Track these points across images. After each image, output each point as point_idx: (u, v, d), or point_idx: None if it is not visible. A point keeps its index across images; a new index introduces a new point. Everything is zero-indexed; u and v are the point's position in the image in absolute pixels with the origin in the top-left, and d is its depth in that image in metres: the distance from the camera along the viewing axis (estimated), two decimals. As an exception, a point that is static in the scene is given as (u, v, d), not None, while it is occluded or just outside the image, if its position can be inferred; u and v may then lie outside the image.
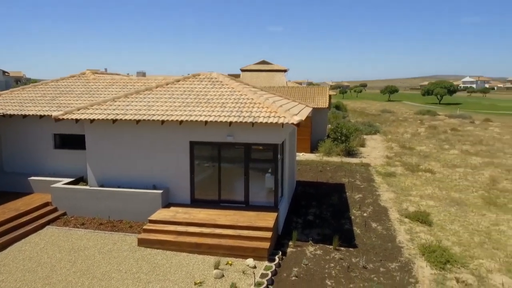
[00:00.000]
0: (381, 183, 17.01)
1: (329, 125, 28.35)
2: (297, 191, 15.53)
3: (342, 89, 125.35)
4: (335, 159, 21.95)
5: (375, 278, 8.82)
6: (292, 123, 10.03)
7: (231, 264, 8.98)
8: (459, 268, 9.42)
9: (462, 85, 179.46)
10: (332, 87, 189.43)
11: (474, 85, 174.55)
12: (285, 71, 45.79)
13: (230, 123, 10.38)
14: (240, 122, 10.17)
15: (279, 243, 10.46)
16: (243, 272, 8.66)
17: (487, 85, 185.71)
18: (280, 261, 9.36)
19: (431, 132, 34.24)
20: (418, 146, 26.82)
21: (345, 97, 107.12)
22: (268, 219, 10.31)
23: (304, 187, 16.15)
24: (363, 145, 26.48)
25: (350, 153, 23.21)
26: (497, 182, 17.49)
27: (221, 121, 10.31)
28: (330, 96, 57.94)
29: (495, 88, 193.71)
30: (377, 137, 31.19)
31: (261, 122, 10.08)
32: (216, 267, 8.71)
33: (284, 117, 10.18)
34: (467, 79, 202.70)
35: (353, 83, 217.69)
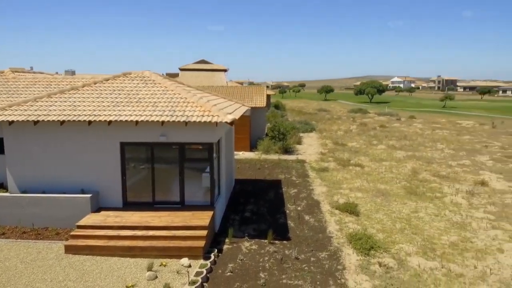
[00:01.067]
0: (315, 178, 17.82)
1: (268, 124, 28.97)
2: (236, 189, 15.73)
3: (281, 89, 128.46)
4: (273, 156, 22.53)
5: (306, 268, 9.28)
6: (226, 122, 10.17)
7: (165, 265, 8.89)
8: (382, 253, 10.23)
9: (391, 85, 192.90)
10: (273, 87, 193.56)
11: (401, 85, 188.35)
12: (225, 70, 45.90)
13: (163, 122, 10.25)
14: (173, 121, 10.08)
15: (216, 241, 10.55)
16: (177, 272, 8.63)
17: (413, 85, 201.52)
18: (216, 259, 9.45)
19: (362, 129, 36.50)
20: (350, 142, 28.43)
21: (285, 97, 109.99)
22: (204, 218, 10.34)
23: (243, 185, 16.40)
24: (299, 143, 27.45)
25: (287, 150, 23.96)
26: (417, 173, 19.15)
27: (152, 121, 10.14)
28: (269, 96, 59.14)
29: (420, 87, 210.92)
30: (313, 135, 32.52)
31: (194, 121, 10.08)
32: (149, 269, 8.56)
33: (218, 116, 10.28)
34: (396, 79, 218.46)
35: (292, 83, 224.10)
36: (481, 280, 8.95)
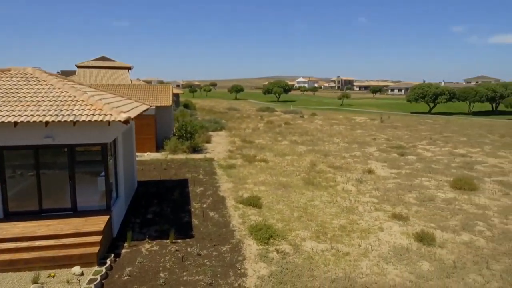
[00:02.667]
0: (222, 175, 18.10)
1: (177, 123, 28.43)
2: (138, 191, 15.18)
3: (192, 88, 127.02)
4: (181, 156, 22.25)
5: (207, 263, 9.42)
6: (119, 121, 9.76)
7: (53, 276, 8.23)
8: (280, 241, 10.86)
9: (296, 85, 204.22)
10: (183, 86, 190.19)
11: (306, 85, 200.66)
12: (129, 68, 43.71)
13: (47, 123, 9.43)
14: (59, 121, 9.34)
15: (114, 246, 10.09)
16: (68, 282, 8.06)
17: (316, 85, 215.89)
18: (112, 264, 9.05)
19: (269, 126, 38.07)
20: (257, 139, 29.44)
21: (195, 96, 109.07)
22: (98, 223, 9.80)
23: (147, 187, 15.89)
24: (208, 141, 27.55)
25: (195, 149, 23.86)
26: (315, 165, 20.68)
27: (34, 121, 9.26)
28: (178, 94, 57.96)
29: (323, 87, 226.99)
30: (222, 133, 32.89)
31: (84, 121, 9.47)
32: (35, 281, 7.85)
33: (111, 114, 9.81)
34: (301, 79, 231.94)
35: (204, 83, 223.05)
36: (364, 256, 10.09)
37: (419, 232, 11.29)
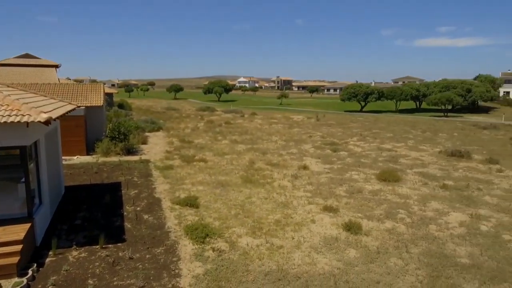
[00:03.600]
0: (158, 177, 17.67)
1: (110, 124, 27.15)
2: (66, 197, 14.29)
3: (128, 87, 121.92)
4: (114, 158, 21.31)
5: (140, 266, 9.17)
6: (40, 122, 9.12)
7: (-37, 293, 7.49)
8: (216, 239, 10.90)
9: (238, 85, 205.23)
10: (119, 86, 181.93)
11: (247, 85, 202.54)
12: (56, 66, 40.86)
13: (-47, 125, 8.52)
14: (-33, 123, 8.49)
15: (37, 255, 9.42)
16: (-19, 298, 7.39)
17: (257, 85, 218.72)
18: (34, 274, 8.44)
19: (209, 126, 37.88)
20: (196, 139, 29.15)
21: (132, 96, 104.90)
22: (18, 231, 9.09)
23: (75, 192, 15.02)
24: (145, 142, 26.70)
25: (130, 151, 22.99)
26: (254, 163, 21.01)
27: None
28: (112, 94, 55.36)
29: (263, 87, 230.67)
30: (160, 134, 32.07)
31: (-2, 122, 8.70)
32: None
33: (29, 115, 9.13)
34: (242, 79, 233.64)
35: (141, 82, 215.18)
36: (297, 248, 10.49)
37: (348, 222, 12.00)
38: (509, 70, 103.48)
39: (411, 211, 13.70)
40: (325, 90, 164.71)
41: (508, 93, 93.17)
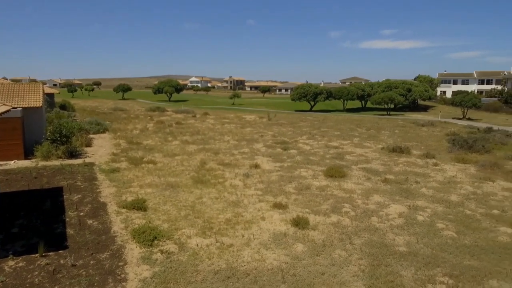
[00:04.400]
0: (104, 180, 17.00)
1: (51, 126, 25.63)
2: (1, 204, 13.31)
3: (71, 87, 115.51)
4: (55, 162, 20.16)
5: (83, 272, 8.81)
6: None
7: None
8: (165, 241, 10.73)
9: (189, 84, 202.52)
10: (61, 85, 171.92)
11: (199, 84, 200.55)
12: (-11, 65, 37.76)
13: None
14: None
15: (-34, 269, 8.70)
16: None
17: (209, 84, 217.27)
18: (-38, 289, 7.81)
19: (159, 126, 37.02)
20: (145, 140, 28.38)
21: (76, 96, 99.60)
22: None
23: (12, 199, 14.05)
24: (89, 145, 25.53)
25: (73, 154, 21.86)
26: (205, 164, 20.90)
27: None
28: (53, 94, 52.24)
29: (216, 86, 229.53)
30: (106, 135, 30.81)
31: None
32: None
33: (-46, 117, 8.42)
34: (194, 79, 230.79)
35: (86, 81, 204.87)
36: (247, 246, 10.62)
37: (296, 218, 12.36)
38: (445, 70, 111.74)
39: (355, 204, 14.40)
40: (277, 90, 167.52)
41: (444, 92, 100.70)
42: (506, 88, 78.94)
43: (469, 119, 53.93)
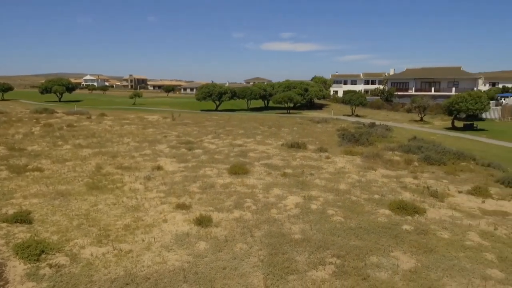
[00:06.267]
0: (-23, 193, 14.77)
1: None
2: None
3: None
4: None
5: (-51, 302, 7.58)
6: None
7: None
8: (54, 254, 9.80)
9: (84, 83, 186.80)
10: None
11: (95, 83, 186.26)
12: None
13: None
14: None
15: None
16: None
17: (107, 83, 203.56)
18: None
19: (47, 130, 33.37)
20: (30, 146, 25.37)
21: None
22: None
23: None
24: (-42, 153, 21.85)
25: None
26: (102, 168, 19.56)
27: None
28: None
29: (114, 86, 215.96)
30: (-20, 142, 26.69)
31: None
32: None
33: None
34: (88, 77, 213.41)
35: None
36: (147, 250, 10.30)
37: (199, 216, 12.39)
38: (336, 72, 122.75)
39: (257, 199, 15.01)
40: (182, 90, 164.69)
41: (337, 92, 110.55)
42: (387, 88, 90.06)
43: (357, 115, 60.23)
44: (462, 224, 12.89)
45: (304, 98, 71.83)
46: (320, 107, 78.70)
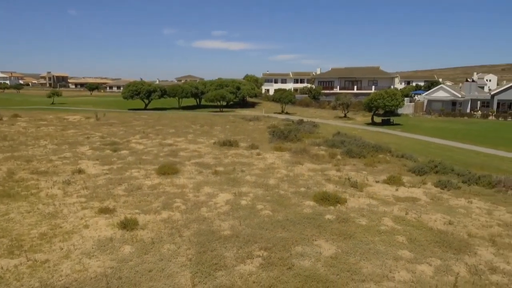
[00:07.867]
0: None
1: None
2: None
3: None
4: None
5: None
6: None
7: None
8: (-47, 272, 8.74)
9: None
10: None
11: (7, 81, 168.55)
12: None
13: None
14: None
15: None
16: None
17: (21, 81, 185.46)
18: None
19: None
20: None
21: None
22: None
23: None
24: None
25: None
26: (14, 174, 17.84)
27: None
28: None
29: (30, 84, 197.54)
30: None
31: None
32: None
33: None
34: (0, 75, 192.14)
35: None
36: (66, 258, 9.64)
37: (123, 220, 11.88)
38: (267, 71, 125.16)
39: (186, 198, 14.82)
40: (108, 88, 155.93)
41: (268, 90, 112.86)
42: (314, 86, 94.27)
43: (287, 113, 62.22)
44: (378, 211, 14.03)
45: (237, 96, 72.33)
46: (252, 105, 79.84)
